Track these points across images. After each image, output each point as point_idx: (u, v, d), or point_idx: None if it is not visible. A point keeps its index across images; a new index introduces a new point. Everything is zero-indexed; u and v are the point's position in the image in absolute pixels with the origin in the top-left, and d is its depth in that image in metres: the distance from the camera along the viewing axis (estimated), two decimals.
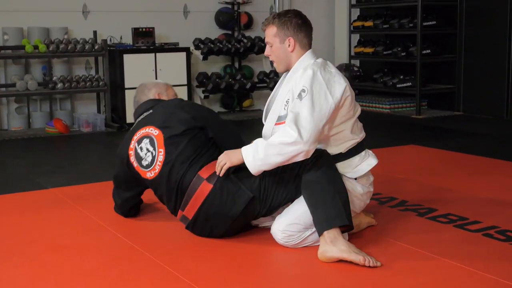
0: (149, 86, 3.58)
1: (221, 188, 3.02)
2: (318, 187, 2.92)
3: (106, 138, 6.99)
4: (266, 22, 3.18)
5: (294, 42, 3.13)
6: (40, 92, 7.27)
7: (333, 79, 3.03)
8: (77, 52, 7.29)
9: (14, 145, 6.53)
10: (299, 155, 2.88)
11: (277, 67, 3.21)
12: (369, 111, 8.46)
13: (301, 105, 2.92)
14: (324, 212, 2.89)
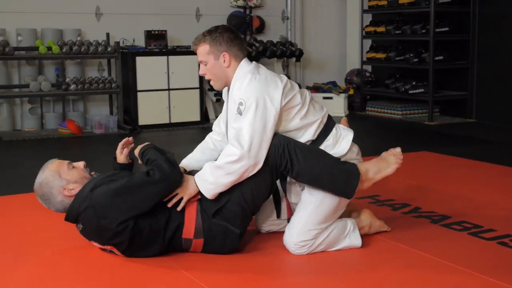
0: (45, 188, 2.96)
1: (211, 236, 2.96)
2: (315, 171, 2.92)
3: (118, 139, 6.90)
4: (197, 41, 3.10)
5: (229, 57, 3.06)
6: (53, 93, 7.28)
7: (268, 83, 2.97)
8: (90, 54, 7.30)
9: (27, 146, 6.54)
10: (247, 171, 2.88)
11: (215, 85, 3.14)
12: (381, 116, 8.43)
13: (242, 119, 2.90)
14: (338, 189, 2.97)
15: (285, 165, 2.92)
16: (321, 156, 3.00)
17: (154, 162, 2.88)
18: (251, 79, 2.97)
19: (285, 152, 2.90)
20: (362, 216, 3.30)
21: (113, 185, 2.82)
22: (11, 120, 7.44)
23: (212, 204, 2.93)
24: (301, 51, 8.53)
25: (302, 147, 2.97)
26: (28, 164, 5.50)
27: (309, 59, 9.26)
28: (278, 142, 2.92)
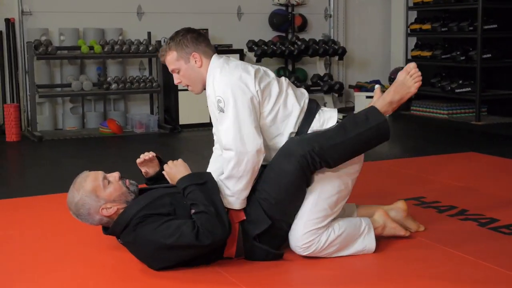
0: (82, 210, 2.93)
1: (253, 257, 2.94)
2: (349, 151, 2.87)
3: (158, 139, 7.04)
4: (162, 51, 3.06)
5: (199, 55, 3.01)
6: (95, 92, 7.37)
7: (238, 70, 2.93)
8: (131, 53, 7.37)
9: (69, 145, 6.64)
10: (254, 163, 2.83)
11: (194, 90, 3.08)
12: (426, 116, 8.31)
13: (225, 116, 2.85)
14: (375, 144, 2.93)
15: (320, 165, 2.87)
16: (344, 132, 2.88)
17: (204, 216, 2.73)
18: (221, 73, 2.93)
19: (315, 158, 2.83)
20: (375, 215, 3.19)
21: (158, 236, 2.74)
22: (53, 119, 7.56)
23: (253, 228, 2.90)
24: (344, 49, 8.47)
25: (323, 140, 2.86)
26: (69, 163, 5.58)
27: (352, 58, 9.19)
28: (303, 153, 2.82)
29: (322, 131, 2.95)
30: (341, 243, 2.97)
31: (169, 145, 6.65)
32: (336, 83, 8.36)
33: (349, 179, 3.01)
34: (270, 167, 2.93)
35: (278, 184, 2.87)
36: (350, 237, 3.00)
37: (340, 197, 3.00)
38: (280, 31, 8.61)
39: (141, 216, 2.81)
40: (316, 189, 2.94)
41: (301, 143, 2.88)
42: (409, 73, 3.03)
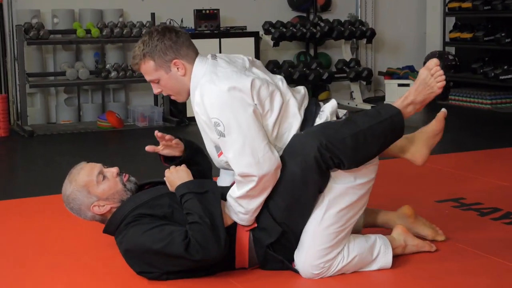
0: (73, 204, 3.00)
1: (267, 264, 2.96)
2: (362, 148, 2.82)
3: (164, 133, 7.03)
4: (136, 59, 2.93)
5: (182, 63, 2.91)
6: (92, 81, 7.40)
7: (233, 83, 2.80)
8: (133, 37, 7.39)
9: (63, 140, 6.67)
10: (273, 180, 2.80)
11: (179, 99, 3.02)
12: (466, 106, 8.27)
13: (229, 141, 2.77)
14: (388, 143, 2.92)
15: (332, 164, 2.80)
16: (354, 125, 2.84)
17: (197, 227, 2.73)
18: (211, 89, 2.80)
19: (324, 154, 2.76)
20: (394, 233, 3.14)
21: (147, 239, 2.76)
22: (45, 112, 7.60)
23: (265, 236, 2.90)
24: (373, 31, 8.43)
25: (331, 133, 2.80)
26: (64, 161, 5.61)
27: (382, 41, 9.16)
28: (310, 151, 2.77)
29: (329, 123, 2.90)
30: (352, 268, 2.96)
31: None
32: (364, 70, 8.33)
33: (362, 189, 2.92)
34: None
35: (285, 188, 2.84)
36: (362, 262, 2.97)
37: (352, 212, 2.92)
38: (301, 11, 8.59)
39: (135, 215, 2.86)
40: (323, 203, 2.87)
41: (306, 139, 2.82)
42: (431, 71, 2.98)
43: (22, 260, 3.26)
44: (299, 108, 2.96)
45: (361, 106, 8.34)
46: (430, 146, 3.22)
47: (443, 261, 3.10)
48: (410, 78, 8.43)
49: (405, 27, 9.30)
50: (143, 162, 5.51)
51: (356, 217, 2.95)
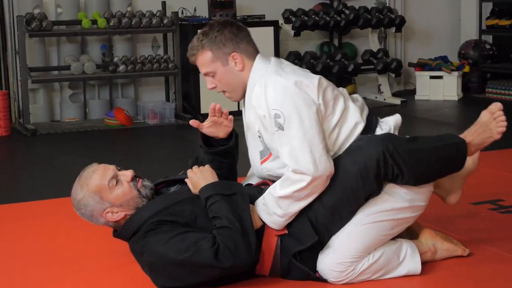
0: (84, 210, 2.99)
1: (290, 275, 2.97)
2: (423, 165, 2.90)
3: (176, 131, 7.07)
4: (193, 50, 3.02)
5: (240, 57, 2.99)
6: (99, 76, 7.44)
7: (299, 78, 2.89)
8: (142, 27, 7.41)
9: (68, 140, 6.71)
10: (321, 188, 2.84)
11: (233, 97, 3.08)
12: (505, 99, 8.21)
13: (287, 134, 2.82)
14: (447, 169, 3.02)
15: (391, 174, 2.86)
16: (418, 142, 2.94)
17: (227, 231, 2.74)
18: (276, 80, 2.89)
19: (387, 160, 2.83)
20: (421, 237, 3.16)
21: (170, 249, 2.76)
22: (49, 109, 7.64)
23: (295, 243, 2.91)
24: (402, 18, 8.41)
25: (398, 142, 2.90)
26: (68, 162, 5.64)
27: (412, 29, 9.12)
28: (374, 153, 2.83)
29: (394, 134, 2.99)
30: (376, 271, 2.97)
31: (188, 139, 6.68)
32: (392, 61, 8.30)
33: (412, 211, 2.98)
34: None
35: (337, 186, 2.87)
36: (387, 264, 2.98)
37: (395, 230, 2.98)
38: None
39: (154, 222, 2.84)
40: (371, 209, 2.92)
41: (372, 141, 2.89)
42: (493, 114, 3.06)
43: (25, 269, 3.28)
44: (361, 114, 3.02)
45: (390, 100, 8.31)
46: (463, 185, 3.29)
47: (477, 266, 3.10)
48: (443, 70, 8.40)
49: (438, 14, 9.26)
50: (154, 163, 5.54)
51: (395, 233, 3.00)
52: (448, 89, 8.41)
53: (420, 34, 9.21)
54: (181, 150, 6.28)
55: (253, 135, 3.05)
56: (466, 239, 3.39)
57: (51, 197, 4.53)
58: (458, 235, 3.44)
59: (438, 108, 7.98)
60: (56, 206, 4.30)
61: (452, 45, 9.21)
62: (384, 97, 8.42)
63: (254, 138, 3.05)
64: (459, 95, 8.46)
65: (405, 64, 8.89)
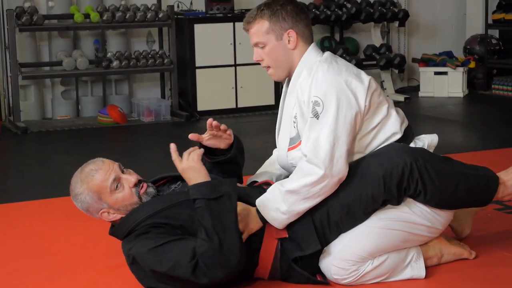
0: (81, 205, 2.99)
1: (289, 279, 2.98)
2: (450, 188, 2.92)
3: (172, 129, 7.07)
4: (250, 17, 3.06)
5: (296, 35, 3.04)
6: (92, 72, 7.43)
7: (351, 76, 2.94)
8: (137, 21, 7.41)
9: (60, 138, 6.71)
10: (329, 191, 2.86)
11: (276, 75, 3.11)
12: (510, 96, 8.22)
13: (319, 124, 2.86)
14: (473, 200, 3.04)
15: (414, 188, 2.88)
16: (451, 164, 2.97)
17: (205, 247, 2.71)
18: (327, 69, 2.95)
19: (414, 173, 2.85)
20: (429, 242, 3.15)
21: (152, 259, 2.78)
22: (40, 107, 7.64)
23: (295, 248, 2.92)
24: (406, 12, 8.42)
25: (430, 159, 2.92)
26: (61, 161, 5.64)
27: (416, 23, 9.12)
28: (404, 161, 2.85)
29: (428, 151, 3.01)
30: (379, 275, 2.98)
31: (184, 137, 6.63)
32: (396, 56, 8.30)
33: (426, 232, 3.01)
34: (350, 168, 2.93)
35: (356, 185, 2.89)
36: (392, 269, 2.99)
37: (405, 244, 2.99)
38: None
39: (148, 225, 2.85)
40: (388, 215, 2.94)
41: (404, 150, 2.91)
42: None
43: (16, 272, 3.28)
44: (401, 126, 3.05)
45: (393, 97, 8.31)
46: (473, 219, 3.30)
47: (483, 269, 3.11)
48: (448, 66, 8.41)
49: (442, 8, 9.27)
50: (149, 162, 5.54)
51: (403, 247, 3.00)
52: (453, 85, 8.41)
53: (424, 28, 9.21)
54: (177, 148, 6.27)
55: (288, 119, 3.08)
56: (472, 241, 3.39)
57: (43, 197, 4.54)
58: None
59: (442, 105, 7.98)
60: (48, 207, 4.30)
61: (457, 40, 9.22)
62: (387, 93, 8.42)
63: (288, 122, 3.08)
64: (464, 91, 8.46)
65: (408, 59, 8.89)
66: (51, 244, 3.65)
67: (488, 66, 8.73)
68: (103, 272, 3.20)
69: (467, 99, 8.31)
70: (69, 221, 3.88)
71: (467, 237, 3.37)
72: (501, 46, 8.92)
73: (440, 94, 8.45)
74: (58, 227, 3.87)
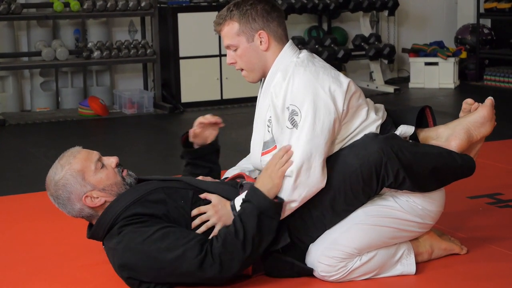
0: (62, 191, 2.93)
1: (275, 271, 3.00)
2: (427, 170, 2.94)
3: (155, 121, 7.07)
4: (220, 19, 3.04)
5: (267, 36, 3.01)
6: (72, 62, 7.42)
7: (328, 80, 2.91)
8: (118, 10, 7.39)
9: (39, 131, 6.70)
10: (305, 200, 2.86)
11: (250, 77, 3.10)
12: (502, 87, 8.25)
13: (296, 134, 2.84)
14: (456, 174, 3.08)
15: (394, 175, 2.88)
16: (423, 146, 3.01)
17: (233, 243, 2.75)
18: (304, 74, 2.92)
19: (392, 160, 2.85)
20: (419, 237, 3.16)
21: (151, 247, 2.77)
22: (19, 99, 7.63)
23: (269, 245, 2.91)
24: (395, 1, 8.43)
25: (403, 143, 2.94)
26: (40, 154, 5.63)
27: (406, 12, 9.14)
28: (379, 148, 2.86)
29: (399, 136, 3.01)
30: (368, 271, 2.99)
31: (168, 129, 6.68)
32: (385, 46, 8.32)
33: (417, 228, 3.02)
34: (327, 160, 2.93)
35: (334, 179, 2.89)
36: (381, 265, 3.00)
37: (394, 239, 3.01)
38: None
39: (129, 215, 2.84)
40: (378, 212, 2.95)
41: (376, 138, 2.92)
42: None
43: None
44: (377, 127, 3.04)
45: (382, 88, 8.33)
46: (470, 135, 3.17)
47: (473, 264, 3.12)
48: (439, 56, 8.42)
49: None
50: (131, 155, 5.53)
51: (392, 243, 3.01)
52: (444, 76, 8.43)
53: (414, 18, 9.23)
54: (160, 141, 6.28)
55: (262, 122, 3.06)
56: (463, 235, 3.41)
57: (20, 192, 4.54)
58: (455, 231, 3.46)
59: (433, 96, 8.00)
60: (26, 202, 4.29)
61: (448, 29, 9.24)
62: (376, 84, 8.44)
63: (262, 126, 3.07)
64: (455, 82, 8.48)
65: (398, 50, 8.91)
66: (29, 239, 3.63)
67: (480, 56, 8.75)
68: (82, 269, 3.19)
69: (459, 90, 8.34)
70: (47, 216, 3.87)
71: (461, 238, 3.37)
72: (493, 36, 8.94)
73: (430, 85, 8.47)
74: (36, 223, 3.86)
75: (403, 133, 3.06)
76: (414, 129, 3.08)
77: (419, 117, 3.18)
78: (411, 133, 3.08)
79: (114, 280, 2.97)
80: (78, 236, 3.45)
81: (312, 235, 2.95)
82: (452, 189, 4.17)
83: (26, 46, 7.60)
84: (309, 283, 2.96)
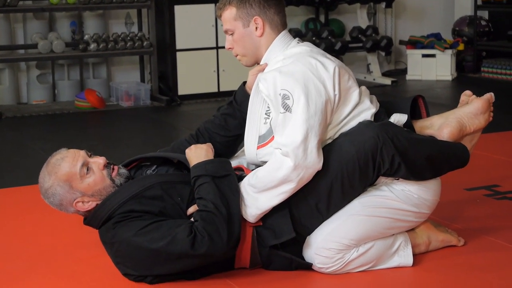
0: (53, 198, 2.97)
1: (272, 264, 3.00)
2: (423, 158, 2.95)
3: (151, 114, 7.06)
4: (221, 4, 3.10)
5: (262, 22, 3.05)
6: (68, 55, 7.40)
7: (316, 64, 2.94)
8: (115, 2, 7.38)
9: (35, 123, 6.69)
10: (304, 182, 2.86)
11: (243, 60, 3.15)
12: (499, 79, 8.25)
13: (291, 118, 2.85)
14: (451, 164, 3.10)
15: (390, 162, 2.89)
16: (418, 135, 3.04)
17: (210, 217, 2.76)
18: (293, 62, 2.95)
19: (388, 145, 2.87)
20: (417, 229, 3.18)
21: (143, 238, 2.78)
22: (15, 91, 7.62)
23: (270, 235, 2.92)
24: None
25: (398, 130, 2.96)
26: (36, 147, 5.62)
27: (404, 4, 9.14)
28: (375, 134, 2.87)
29: (394, 124, 3.03)
30: (365, 262, 3.00)
31: (165, 122, 6.67)
32: (382, 38, 8.31)
33: (413, 217, 3.04)
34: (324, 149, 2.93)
35: (331, 166, 2.89)
36: (378, 256, 3.01)
37: (391, 230, 3.02)
38: None
39: (125, 211, 2.85)
40: (374, 203, 2.97)
41: (371, 125, 2.93)
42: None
43: None
44: (372, 115, 3.04)
45: (380, 80, 8.33)
46: (462, 125, 3.18)
47: (471, 256, 3.13)
48: (436, 48, 8.42)
49: None
50: (128, 148, 5.53)
51: (389, 233, 3.03)
52: (441, 68, 8.43)
53: (411, 9, 9.22)
54: (157, 134, 6.27)
55: (256, 116, 3.05)
56: (460, 227, 3.42)
57: (17, 184, 4.53)
58: (452, 223, 3.47)
59: (430, 88, 8.00)
60: (23, 195, 4.29)
61: (446, 21, 9.24)
62: (373, 77, 8.44)
63: (256, 120, 3.05)
64: (453, 74, 8.49)
65: (395, 41, 8.91)
66: (26, 233, 3.63)
67: (477, 48, 8.75)
68: (80, 262, 3.20)
69: (456, 82, 8.34)
70: (44, 209, 3.86)
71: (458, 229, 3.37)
72: (491, 28, 8.94)
73: (428, 77, 8.47)
74: (33, 216, 3.85)
75: (397, 121, 3.08)
76: (408, 119, 3.09)
77: (413, 108, 3.19)
78: (405, 121, 3.09)
79: (112, 273, 2.97)
80: (75, 229, 3.46)
81: (308, 226, 2.95)
82: (449, 181, 4.19)
83: (23, 39, 7.58)
84: (305, 274, 2.97)
